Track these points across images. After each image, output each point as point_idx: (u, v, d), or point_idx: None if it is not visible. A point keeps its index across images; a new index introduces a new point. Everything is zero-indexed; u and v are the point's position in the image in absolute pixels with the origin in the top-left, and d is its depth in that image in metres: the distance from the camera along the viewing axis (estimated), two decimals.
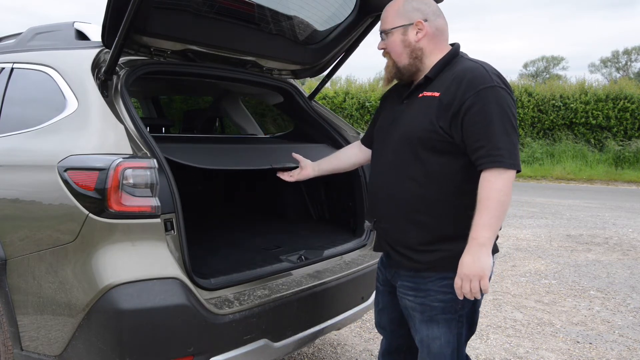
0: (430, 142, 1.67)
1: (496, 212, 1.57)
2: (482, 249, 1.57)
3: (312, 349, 3.17)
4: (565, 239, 6.38)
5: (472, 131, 1.59)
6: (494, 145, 1.56)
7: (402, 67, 1.79)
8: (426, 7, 1.76)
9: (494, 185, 1.56)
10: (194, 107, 4.81)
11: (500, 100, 1.59)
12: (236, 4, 2.40)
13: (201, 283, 1.90)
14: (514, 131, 1.60)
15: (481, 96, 1.59)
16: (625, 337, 3.43)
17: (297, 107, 3.11)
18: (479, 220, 1.58)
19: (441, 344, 1.76)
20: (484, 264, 1.57)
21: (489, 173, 1.57)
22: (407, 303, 1.82)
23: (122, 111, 1.96)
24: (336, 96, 16.59)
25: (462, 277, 1.61)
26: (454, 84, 1.64)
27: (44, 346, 1.88)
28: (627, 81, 16.60)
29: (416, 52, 1.76)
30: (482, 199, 1.58)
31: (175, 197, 1.85)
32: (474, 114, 1.59)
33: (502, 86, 1.62)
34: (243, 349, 1.92)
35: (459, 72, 1.66)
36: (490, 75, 1.63)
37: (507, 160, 1.56)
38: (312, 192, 3.37)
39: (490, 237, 1.58)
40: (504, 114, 1.59)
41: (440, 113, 1.64)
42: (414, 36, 1.75)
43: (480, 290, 1.60)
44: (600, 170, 13.66)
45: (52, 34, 2.45)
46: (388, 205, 1.80)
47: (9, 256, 1.95)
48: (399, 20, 1.77)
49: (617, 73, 43.78)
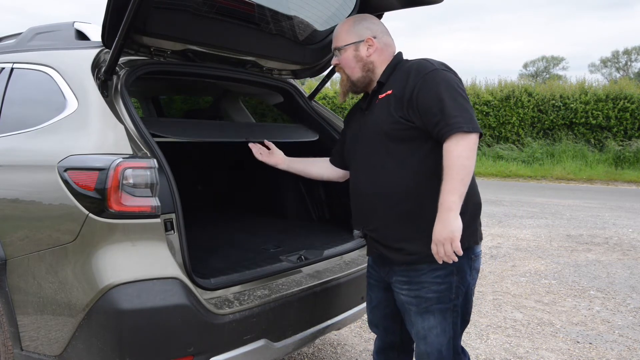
0: (395, 133, 1.79)
1: (459, 176, 1.64)
2: (450, 213, 1.64)
3: (312, 349, 3.17)
4: (565, 239, 6.38)
5: (427, 109, 1.71)
6: (448, 114, 1.66)
7: (355, 80, 1.97)
8: (375, 26, 1.96)
9: (455, 152, 1.65)
10: (194, 107, 4.81)
11: (445, 78, 1.73)
12: (236, 4, 2.40)
13: (201, 283, 1.90)
14: (464, 99, 1.71)
15: (427, 79, 1.73)
16: (625, 337, 3.43)
17: (297, 107, 3.12)
18: (445, 187, 1.66)
19: (437, 333, 1.83)
20: (453, 226, 1.64)
21: (449, 141, 1.66)
22: (402, 298, 1.89)
23: (122, 111, 1.96)
24: (336, 96, 16.59)
25: (436, 243, 1.69)
26: (402, 79, 1.80)
27: (44, 346, 1.88)
28: (627, 81, 16.59)
29: (368, 65, 1.93)
30: (445, 167, 1.66)
31: (175, 197, 1.85)
32: (424, 94, 1.72)
33: (445, 69, 1.77)
34: (243, 349, 1.92)
35: (406, 68, 1.83)
36: (432, 63, 1.79)
37: (464, 124, 1.65)
38: (312, 192, 3.37)
39: (456, 201, 1.65)
40: (450, 87, 1.71)
41: (397, 105, 1.79)
42: (365, 51, 1.92)
43: (455, 252, 1.67)
44: (600, 170, 13.66)
45: (52, 34, 2.45)
46: (372, 205, 1.88)
47: (9, 256, 1.95)
48: (350, 37, 1.94)
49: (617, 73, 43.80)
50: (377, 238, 1.91)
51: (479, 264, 1.90)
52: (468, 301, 1.89)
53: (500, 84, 16.40)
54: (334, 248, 2.58)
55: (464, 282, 1.83)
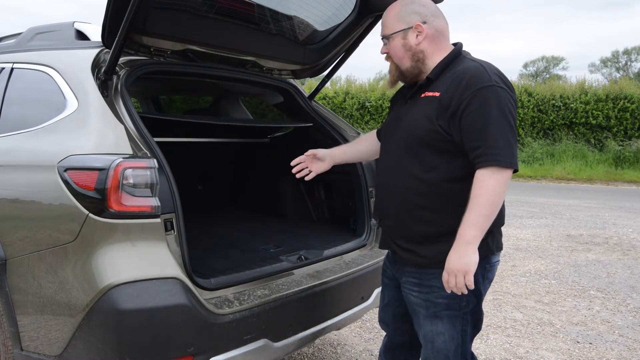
0: (430, 141, 1.69)
1: (485, 211, 1.58)
2: (468, 247, 1.59)
3: (312, 349, 3.16)
4: (565, 239, 6.38)
5: (470, 131, 1.60)
6: (490, 144, 1.57)
7: (404, 70, 1.82)
8: (424, 9, 1.77)
9: (487, 184, 1.57)
10: (194, 107, 4.81)
11: (498, 100, 1.59)
12: (236, 4, 2.40)
13: (201, 283, 1.90)
14: (511, 130, 1.60)
15: (479, 96, 1.59)
16: (625, 337, 3.43)
17: (297, 107, 3.12)
18: (468, 218, 1.59)
19: (445, 340, 1.78)
20: (469, 260, 1.59)
21: (483, 171, 1.58)
22: (412, 299, 1.84)
23: (122, 111, 1.96)
24: (336, 96, 16.59)
25: (448, 272, 1.64)
26: (453, 84, 1.65)
27: (44, 346, 1.88)
28: (627, 81, 16.57)
29: (417, 55, 1.77)
30: (473, 197, 1.59)
31: (175, 197, 1.85)
32: (472, 113, 1.60)
33: (502, 85, 1.62)
34: (243, 349, 1.92)
35: (459, 72, 1.67)
36: (489, 75, 1.63)
37: (503, 159, 1.56)
38: (312, 192, 3.37)
39: (477, 236, 1.59)
40: (501, 113, 1.59)
41: (440, 112, 1.66)
42: (414, 39, 1.76)
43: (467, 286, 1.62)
44: (600, 170, 13.66)
45: (52, 34, 2.45)
46: (392, 203, 1.83)
47: (9, 256, 1.95)
48: (398, 25, 1.78)
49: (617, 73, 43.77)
50: (391, 235, 1.88)
51: (493, 275, 1.84)
52: (480, 310, 1.83)
53: None
54: (334, 248, 2.58)
55: (476, 291, 1.75)
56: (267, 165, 3.69)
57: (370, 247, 2.75)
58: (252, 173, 3.87)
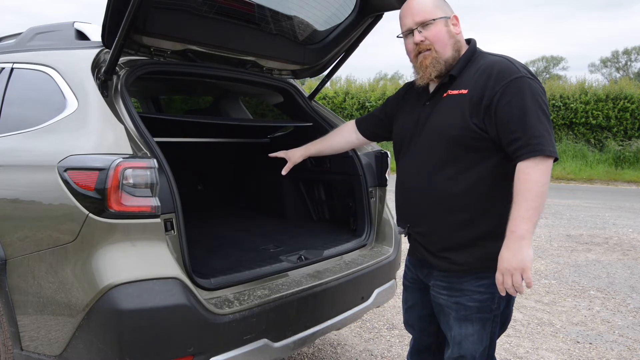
0: (464, 140, 1.65)
1: (534, 204, 1.53)
2: (522, 241, 1.54)
3: (312, 349, 3.16)
4: (565, 239, 6.38)
5: (507, 122, 1.57)
6: (531, 134, 1.54)
7: (446, 59, 1.73)
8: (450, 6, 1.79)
9: (532, 177, 1.53)
10: (194, 107, 4.81)
11: (531, 90, 1.58)
12: (236, 4, 2.40)
13: (201, 283, 1.90)
14: (547, 119, 1.58)
15: (512, 87, 1.57)
16: (625, 337, 3.43)
17: (297, 107, 3.12)
18: (518, 213, 1.54)
19: (474, 341, 1.75)
20: (525, 256, 1.54)
21: (527, 163, 1.54)
22: (442, 301, 1.81)
23: (122, 111, 1.96)
24: (336, 96, 16.59)
25: (502, 272, 1.57)
26: (481, 79, 1.63)
27: (44, 346, 1.88)
28: (627, 81, 16.59)
29: (458, 44, 1.74)
30: (520, 191, 1.54)
31: (175, 197, 1.85)
32: (507, 105, 1.57)
33: (530, 76, 1.61)
34: (243, 349, 1.92)
35: (485, 67, 1.65)
36: (516, 67, 1.62)
37: (546, 147, 1.53)
38: (312, 192, 3.37)
39: (529, 229, 1.54)
40: (536, 103, 1.57)
41: (473, 109, 1.63)
42: (454, 29, 1.74)
43: (524, 284, 1.56)
44: (600, 170, 13.66)
45: (52, 34, 2.45)
46: (423, 207, 1.77)
47: (9, 256, 1.95)
48: (439, 12, 1.74)
49: (617, 73, 43.77)
50: (423, 242, 1.80)
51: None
52: (509, 311, 1.81)
53: None
54: (334, 248, 2.58)
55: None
56: (267, 165, 3.68)
57: (370, 247, 2.75)
58: (252, 173, 3.87)
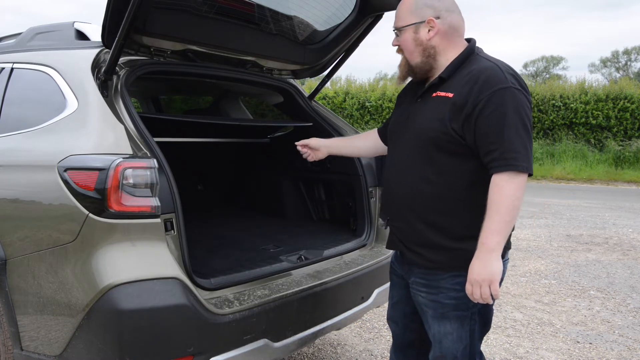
0: (442, 143, 1.66)
1: (506, 217, 1.54)
2: (492, 254, 1.56)
3: (312, 349, 3.16)
4: (565, 239, 6.38)
5: (485, 133, 1.57)
6: (508, 148, 1.54)
7: (414, 65, 1.76)
8: (439, 3, 1.72)
9: (505, 190, 1.54)
10: (194, 107, 4.81)
11: (515, 102, 1.56)
12: (236, 4, 2.40)
13: (201, 283, 1.90)
14: (527, 134, 1.58)
15: (495, 97, 1.56)
16: (625, 337, 3.43)
17: (297, 107, 3.12)
18: (489, 225, 1.55)
19: (453, 340, 1.77)
20: (494, 268, 1.56)
21: (501, 176, 1.55)
22: (420, 299, 1.83)
23: (122, 111, 1.96)
24: (336, 96, 16.58)
25: (472, 283, 1.60)
26: (468, 85, 1.62)
27: (44, 346, 1.88)
28: (627, 81, 16.57)
29: (428, 50, 1.73)
30: (492, 203, 1.55)
31: (175, 197, 1.85)
32: (488, 115, 1.56)
33: (518, 87, 1.59)
34: (243, 349, 1.92)
35: (474, 73, 1.63)
36: (505, 76, 1.59)
37: (520, 163, 1.54)
38: (312, 192, 3.37)
39: (500, 242, 1.56)
40: (518, 116, 1.56)
41: (453, 114, 1.62)
42: (426, 34, 1.71)
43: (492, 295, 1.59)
44: (600, 170, 13.65)
45: (52, 34, 2.45)
46: (401, 205, 1.80)
47: (9, 256, 1.95)
48: (410, 17, 1.73)
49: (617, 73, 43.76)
50: (400, 236, 1.85)
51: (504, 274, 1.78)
52: (489, 309, 1.81)
53: None
54: (334, 248, 2.58)
55: None
56: (267, 165, 3.69)
57: (370, 247, 2.75)
58: (252, 173, 3.87)
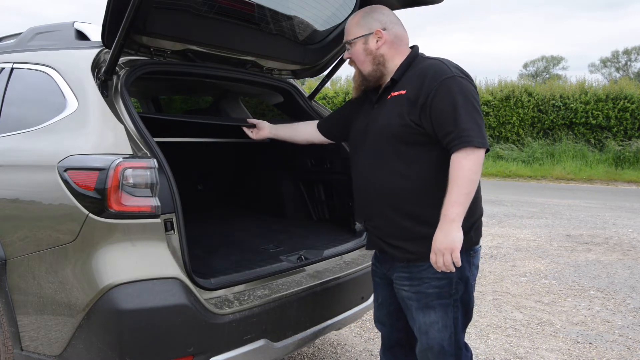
0: (404, 136, 1.80)
1: (465, 190, 1.67)
2: (452, 224, 1.68)
3: (312, 349, 3.17)
4: (565, 239, 6.38)
5: (440, 118, 1.72)
6: (462, 127, 1.68)
7: (367, 74, 1.95)
8: (384, 17, 1.93)
9: (464, 165, 1.67)
10: (194, 107, 4.81)
11: (461, 87, 1.73)
12: (236, 4, 2.40)
13: (201, 283, 1.90)
14: (477, 113, 1.73)
15: (443, 86, 1.73)
16: (625, 337, 3.43)
17: (297, 107, 3.12)
18: (450, 198, 1.68)
19: (439, 328, 1.85)
20: (455, 237, 1.68)
21: (459, 154, 1.68)
22: (404, 294, 1.92)
23: (122, 111, 1.96)
24: (336, 96, 16.59)
25: (435, 252, 1.72)
26: (418, 80, 1.79)
27: (44, 346, 1.88)
28: (627, 81, 16.59)
29: (378, 58, 1.91)
30: (452, 178, 1.68)
31: (175, 197, 1.85)
32: (439, 102, 1.72)
33: (462, 76, 1.76)
34: (243, 349, 1.92)
35: (422, 69, 1.82)
36: (449, 68, 1.77)
37: (475, 139, 1.67)
38: (312, 192, 3.37)
39: (460, 213, 1.68)
40: (466, 99, 1.72)
41: (410, 108, 1.78)
42: (375, 44, 1.90)
43: (454, 263, 1.70)
44: (600, 170, 13.66)
45: (52, 34, 2.45)
46: (375, 202, 1.90)
47: (9, 256, 1.95)
48: (359, 30, 1.93)
49: (617, 73, 43.77)
50: (379, 235, 1.94)
51: (478, 260, 1.94)
52: (469, 297, 1.91)
53: (500, 84, 16.41)
54: (334, 248, 2.58)
55: (463, 277, 1.85)
56: (267, 165, 3.69)
57: None
58: (252, 173, 3.87)
